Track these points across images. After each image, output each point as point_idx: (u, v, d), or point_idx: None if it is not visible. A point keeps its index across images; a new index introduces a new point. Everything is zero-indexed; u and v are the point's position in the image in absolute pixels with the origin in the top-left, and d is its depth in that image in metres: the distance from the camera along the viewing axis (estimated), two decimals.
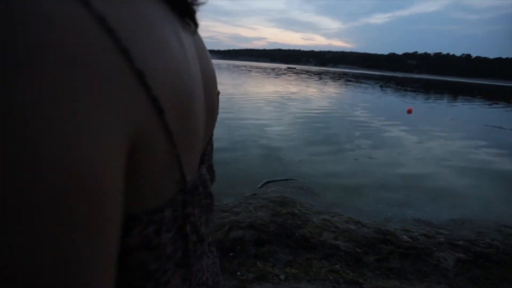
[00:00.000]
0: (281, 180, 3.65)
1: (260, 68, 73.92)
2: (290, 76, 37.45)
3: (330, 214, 2.90)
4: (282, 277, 1.92)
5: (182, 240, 0.29)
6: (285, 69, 74.61)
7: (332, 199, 3.26)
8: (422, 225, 2.77)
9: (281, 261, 2.10)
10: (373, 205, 3.17)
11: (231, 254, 2.13)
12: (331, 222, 2.70)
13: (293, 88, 18.59)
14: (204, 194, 0.36)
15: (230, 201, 2.98)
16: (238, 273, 1.93)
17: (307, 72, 66.04)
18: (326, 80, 33.75)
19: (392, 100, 17.00)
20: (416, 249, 2.28)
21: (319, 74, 54.57)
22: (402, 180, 3.99)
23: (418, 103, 15.80)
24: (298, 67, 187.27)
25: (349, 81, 37.32)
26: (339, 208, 3.04)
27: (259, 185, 3.43)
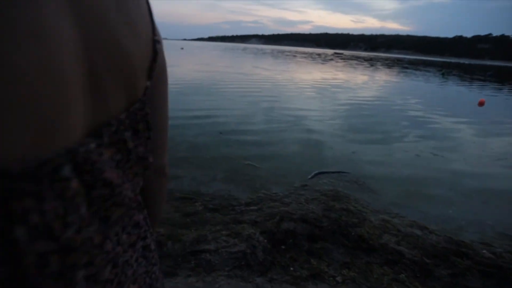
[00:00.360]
0: (333, 172, 3.43)
1: (305, 53, 71.09)
2: (337, 62, 35.34)
3: (390, 214, 2.62)
4: (339, 279, 1.78)
5: (3, 251, 0.20)
6: (332, 55, 70.70)
7: (391, 197, 2.95)
8: (506, 240, 2.34)
9: (337, 261, 1.95)
10: (441, 210, 2.79)
11: (282, 247, 2.05)
12: (392, 224, 2.44)
13: (342, 75, 17.49)
14: (90, 181, 0.25)
15: (280, 191, 2.89)
16: (291, 268, 1.83)
17: (357, 57, 61.59)
18: (379, 67, 31.08)
19: (457, 90, 14.94)
20: (501, 269, 1.93)
21: (370, 60, 50.52)
22: (476, 184, 3.44)
23: (490, 95, 13.63)
24: (346, 52, 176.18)
25: (406, 68, 33.85)
26: (400, 209, 2.73)
27: (309, 176, 3.26)
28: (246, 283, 1.67)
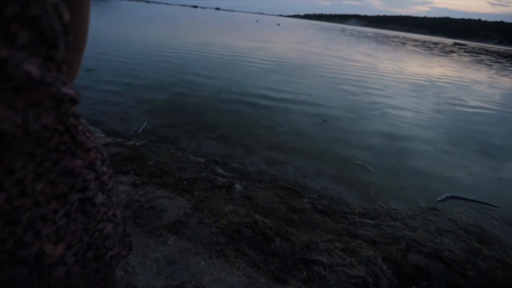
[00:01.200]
0: (472, 200, 2.62)
1: (417, 41, 60.44)
2: (462, 55, 28.77)
3: None
4: None
5: None
6: (452, 45, 58.20)
7: None
8: None
9: None
10: None
11: (413, 287, 1.59)
12: None
13: (471, 74, 14.05)
14: None
15: (401, 208, 2.34)
16: None
17: (487, 51, 48.74)
18: None
19: None
20: None
21: (509, 57, 39.27)
22: None
23: None
24: (470, 43, 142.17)
25: None
26: None
27: (439, 198, 2.57)
28: None
